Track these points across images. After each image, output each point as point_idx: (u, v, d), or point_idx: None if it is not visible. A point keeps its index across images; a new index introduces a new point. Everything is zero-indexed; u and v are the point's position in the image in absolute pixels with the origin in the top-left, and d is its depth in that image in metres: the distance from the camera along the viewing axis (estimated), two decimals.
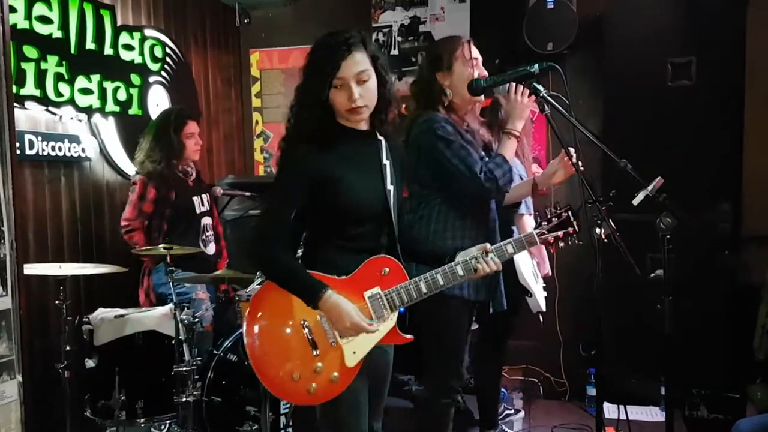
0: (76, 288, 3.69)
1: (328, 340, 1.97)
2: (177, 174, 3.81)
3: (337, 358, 1.98)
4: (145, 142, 3.77)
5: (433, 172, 2.69)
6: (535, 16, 4.23)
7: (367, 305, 2.03)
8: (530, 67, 2.29)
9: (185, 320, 3.17)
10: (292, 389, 1.95)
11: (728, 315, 3.98)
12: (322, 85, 1.96)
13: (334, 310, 1.94)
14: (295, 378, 1.94)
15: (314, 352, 1.95)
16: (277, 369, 1.95)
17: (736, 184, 4.02)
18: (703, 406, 3.98)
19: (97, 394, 3.15)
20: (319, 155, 1.98)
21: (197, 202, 3.88)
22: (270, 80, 5.40)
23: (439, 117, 2.68)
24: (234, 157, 5.41)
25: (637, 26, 4.02)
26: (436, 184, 2.71)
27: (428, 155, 2.66)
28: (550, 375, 4.69)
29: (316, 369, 1.95)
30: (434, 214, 2.72)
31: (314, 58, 2.01)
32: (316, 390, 1.95)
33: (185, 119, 3.85)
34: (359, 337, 1.98)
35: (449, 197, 2.72)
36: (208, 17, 5.07)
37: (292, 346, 1.96)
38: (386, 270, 2.06)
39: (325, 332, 1.97)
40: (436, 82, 2.73)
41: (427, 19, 4.95)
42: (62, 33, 3.59)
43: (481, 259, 2.10)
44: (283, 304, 1.98)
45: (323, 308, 1.95)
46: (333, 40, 1.98)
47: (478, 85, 2.47)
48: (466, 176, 2.60)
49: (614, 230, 2.34)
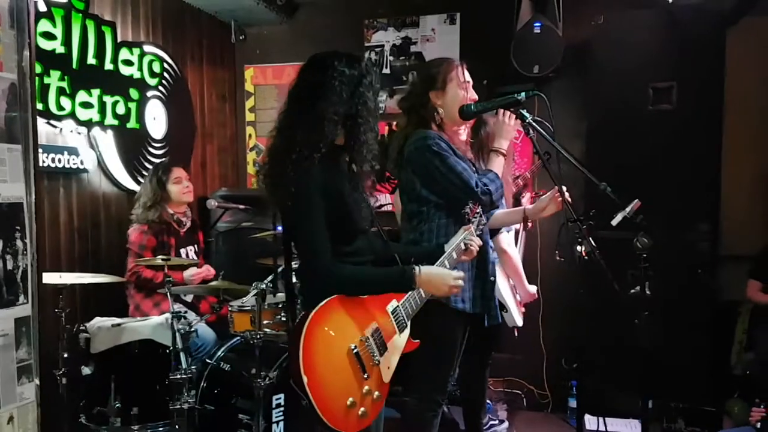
0: (74, 297, 3.76)
1: (372, 361, 2.04)
2: (172, 222, 3.97)
3: (378, 377, 2.06)
4: (141, 196, 3.96)
5: (431, 188, 2.75)
6: (522, 39, 4.33)
7: (390, 319, 2.14)
8: (517, 95, 2.43)
9: (181, 330, 3.25)
10: (347, 417, 1.95)
11: (707, 331, 4.09)
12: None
13: (432, 280, 2.11)
14: (350, 404, 1.95)
15: (364, 376, 2.01)
16: (337, 401, 1.94)
17: (715, 204, 4.16)
18: (681, 419, 4.10)
19: (93, 401, 3.23)
20: (329, 173, 2.04)
21: (183, 254, 4.04)
22: (264, 95, 5.52)
23: (433, 134, 2.75)
24: (227, 170, 5.51)
25: (621, 52, 4.16)
26: (433, 200, 2.76)
27: (425, 171, 2.72)
28: (534, 387, 4.79)
29: (365, 392, 2.01)
30: (434, 229, 2.77)
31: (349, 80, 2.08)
32: (366, 413, 2.00)
33: (170, 167, 4.05)
34: (390, 351, 2.10)
35: (447, 213, 2.77)
36: (204, 34, 5.19)
37: (348, 375, 1.98)
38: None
39: (370, 354, 2.04)
40: (429, 101, 2.80)
41: (418, 40, 5.09)
42: (65, 49, 3.68)
43: (469, 237, 2.31)
44: (334, 338, 1.97)
45: (421, 283, 2.09)
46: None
47: (469, 110, 2.59)
48: (463, 190, 2.66)
49: (594, 248, 2.46)
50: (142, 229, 3.84)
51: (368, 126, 2.09)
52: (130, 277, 3.77)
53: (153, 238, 3.85)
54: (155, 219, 3.87)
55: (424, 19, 5.08)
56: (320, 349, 1.92)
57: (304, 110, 2.05)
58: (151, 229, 3.86)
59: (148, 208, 3.87)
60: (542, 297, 4.62)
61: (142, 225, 3.85)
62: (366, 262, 2.16)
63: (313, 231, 1.99)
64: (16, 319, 1.81)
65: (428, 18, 5.06)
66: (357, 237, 2.14)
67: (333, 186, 2.02)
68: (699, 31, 4.01)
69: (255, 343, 3.19)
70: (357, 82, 2.08)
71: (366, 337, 2.04)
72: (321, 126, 2.01)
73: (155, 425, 3.26)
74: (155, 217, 3.87)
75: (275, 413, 3.28)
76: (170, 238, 3.95)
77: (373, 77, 2.14)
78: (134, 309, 3.81)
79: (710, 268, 4.13)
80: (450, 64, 2.85)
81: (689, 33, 4.01)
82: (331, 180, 2.03)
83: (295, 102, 2.11)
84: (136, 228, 3.85)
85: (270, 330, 3.47)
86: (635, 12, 4.24)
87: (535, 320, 4.70)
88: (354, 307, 2.05)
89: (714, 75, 4.02)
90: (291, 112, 2.10)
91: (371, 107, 2.11)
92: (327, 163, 2.03)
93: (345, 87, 2.05)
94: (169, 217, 3.96)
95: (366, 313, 2.09)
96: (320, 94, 2.03)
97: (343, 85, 2.05)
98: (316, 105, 2.03)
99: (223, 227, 4.74)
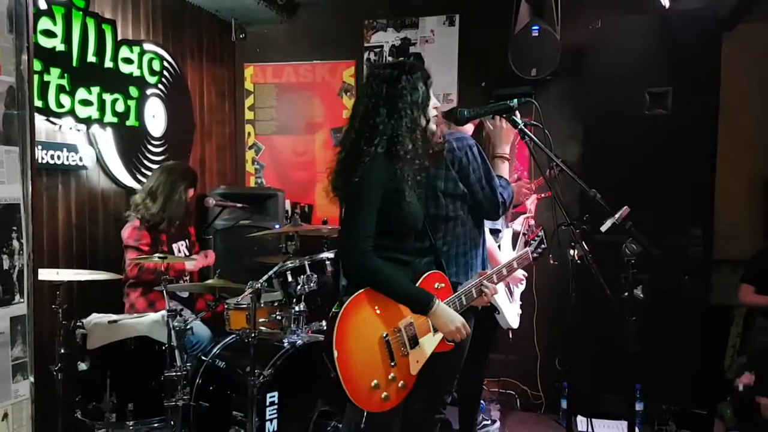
0: (71, 293, 3.79)
1: (401, 351, 2.20)
2: (170, 221, 3.95)
3: (406, 367, 2.22)
4: (145, 189, 3.92)
5: (465, 190, 2.69)
6: (520, 42, 4.37)
7: (427, 318, 2.26)
8: (510, 102, 2.46)
9: (177, 327, 3.28)
10: (370, 396, 2.13)
11: (699, 334, 4.12)
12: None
13: (443, 317, 2.23)
14: (374, 386, 2.13)
15: (391, 363, 2.17)
16: (362, 379, 2.12)
17: (708, 209, 4.19)
18: (672, 421, 4.13)
19: (89, 397, 3.26)
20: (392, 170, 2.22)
21: (176, 249, 4.06)
22: (263, 94, 5.54)
23: (469, 136, 2.75)
24: (226, 168, 5.54)
25: (617, 56, 4.19)
26: (466, 203, 2.71)
27: (465, 172, 2.66)
28: (527, 388, 4.83)
29: (390, 378, 2.17)
30: (466, 234, 2.73)
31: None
32: (388, 397, 2.17)
33: (193, 185, 4.06)
34: (421, 346, 2.25)
35: (472, 217, 2.74)
36: (205, 32, 5.22)
37: (376, 359, 2.15)
38: (440, 285, 2.36)
39: (401, 344, 2.20)
40: None
41: (417, 41, 5.12)
42: (65, 46, 3.70)
43: (486, 283, 2.44)
44: (368, 322, 2.16)
45: (433, 316, 2.22)
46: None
47: (462, 115, 2.61)
48: (489, 199, 2.66)
49: (587, 252, 2.50)
50: (134, 225, 3.83)
51: (424, 131, 2.30)
52: (131, 271, 3.76)
53: (146, 233, 3.83)
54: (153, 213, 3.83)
55: (423, 20, 5.10)
56: (354, 330, 2.12)
57: (381, 110, 2.24)
58: (144, 224, 3.83)
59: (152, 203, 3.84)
60: (537, 299, 4.67)
61: (134, 221, 3.83)
62: (409, 261, 2.33)
63: (358, 219, 2.16)
64: (12, 318, 1.85)
65: (427, 19, 5.09)
66: (407, 235, 2.32)
67: (393, 184, 2.19)
68: (695, 36, 4.03)
69: (250, 341, 3.22)
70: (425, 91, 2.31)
71: (399, 329, 2.21)
72: (398, 125, 2.22)
73: (150, 421, 3.28)
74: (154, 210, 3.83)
75: (269, 411, 3.30)
76: (161, 233, 3.94)
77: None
78: (129, 308, 3.83)
79: (703, 272, 4.16)
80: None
81: (685, 39, 4.04)
82: (392, 177, 2.19)
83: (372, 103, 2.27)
84: (129, 225, 3.84)
85: (265, 328, 3.50)
86: (632, 17, 4.26)
87: (529, 322, 4.73)
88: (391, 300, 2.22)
89: (709, 80, 4.05)
90: (369, 112, 2.26)
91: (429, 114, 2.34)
92: (391, 161, 2.20)
93: (414, 94, 2.26)
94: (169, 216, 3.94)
95: (405, 307, 2.24)
96: (395, 99, 2.24)
97: (413, 93, 2.26)
98: (395, 107, 2.23)
99: (221, 225, 4.77)
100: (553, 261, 3.66)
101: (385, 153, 2.19)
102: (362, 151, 2.19)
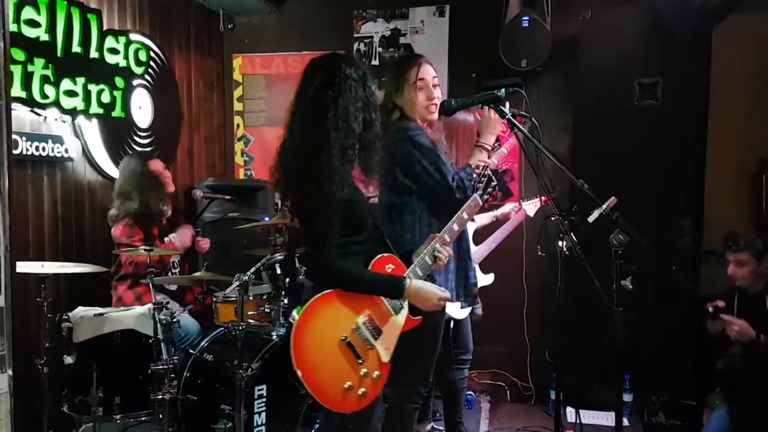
0: (57, 286, 3.75)
1: (366, 347, 2.16)
2: (156, 212, 3.93)
3: (376, 358, 2.19)
4: (117, 192, 3.89)
5: (411, 180, 2.78)
6: (511, 33, 4.35)
7: (384, 302, 2.24)
8: (497, 92, 2.44)
9: (163, 320, 3.25)
10: (345, 399, 2.10)
11: (689, 326, 4.11)
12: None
13: (420, 294, 2.23)
14: (347, 388, 2.10)
15: (359, 361, 2.14)
16: (333, 387, 2.09)
17: (698, 200, 4.20)
18: (662, 412, 4.14)
19: (75, 390, 3.23)
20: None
21: (167, 241, 4.02)
22: (252, 85, 5.49)
23: (414, 126, 2.79)
24: (215, 159, 5.50)
25: (608, 47, 4.20)
26: (415, 191, 2.79)
27: (406, 163, 2.76)
28: (518, 379, 4.84)
29: (362, 374, 2.14)
30: (417, 220, 2.80)
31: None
32: (365, 393, 2.14)
33: (147, 159, 4.00)
34: (386, 334, 2.21)
35: (427, 205, 2.80)
36: (192, 22, 5.16)
37: (342, 363, 2.11)
38: (391, 267, 2.31)
39: (363, 340, 2.16)
40: (394, 102, 2.85)
41: (407, 32, 5.08)
42: (49, 36, 3.65)
43: (438, 248, 2.38)
44: (322, 331, 2.11)
45: (409, 295, 2.21)
46: None
47: (449, 105, 2.60)
48: (440, 184, 2.72)
49: (576, 243, 2.49)
50: (126, 223, 3.80)
51: (375, 125, 2.23)
52: (127, 269, 3.76)
53: (138, 229, 3.81)
54: (135, 208, 3.81)
55: (413, 11, 5.06)
56: (310, 344, 2.07)
57: (324, 111, 2.16)
58: (134, 222, 3.81)
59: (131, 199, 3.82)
60: (527, 291, 4.67)
61: (124, 220, 3.81)
62: (373, 252, 2.28)
63: (331, 230, 2.10)
64: None
65: (417, 10, 5.05)
66: (363, 229, 2.27)
67: (349, 192, 2.15)
68: (686, 27, 4.04)
69: (237, 334, 3.20)
70: (363, 83, 2.23)
71: (357, 326, 2.15)
72: (346, 125, 2.14)
73: (137, 415, 3.26)
74: (136, 205, 3.81)
75: (257, 404, 3.30)
76: (153, 228, 3.93)
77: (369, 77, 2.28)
78: (117, 301, 3.81)
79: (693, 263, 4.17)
80: (404, 66, 2.87)
81: (676, 29, 4.05)
82: (349, 185, 2.16)
83: (313, 103, 2.23)
84: (119, 224, 3.80)
85: (253, 321, 3.48)
86: (623, 8, 4.26)
87: (519, 313, 4.73)
88: (345, 298, 2.16)
89: (700, 71, 4.07)
90: (309, 113, 2.21)
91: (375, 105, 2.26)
92: (345, 168, 2.15)
93: (356, 87, 2.20)
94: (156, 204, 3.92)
95: (357, 302, 2.18)
96: (337, 96, 2.17)
97: (355, 87, 2.20)
98: (338, 106, 2.16)
99: (210, 218, 4.73)
100: (541, 252, 3.65)
101: (340, 159, 2.12)
102: (316, 158, 2.10)
